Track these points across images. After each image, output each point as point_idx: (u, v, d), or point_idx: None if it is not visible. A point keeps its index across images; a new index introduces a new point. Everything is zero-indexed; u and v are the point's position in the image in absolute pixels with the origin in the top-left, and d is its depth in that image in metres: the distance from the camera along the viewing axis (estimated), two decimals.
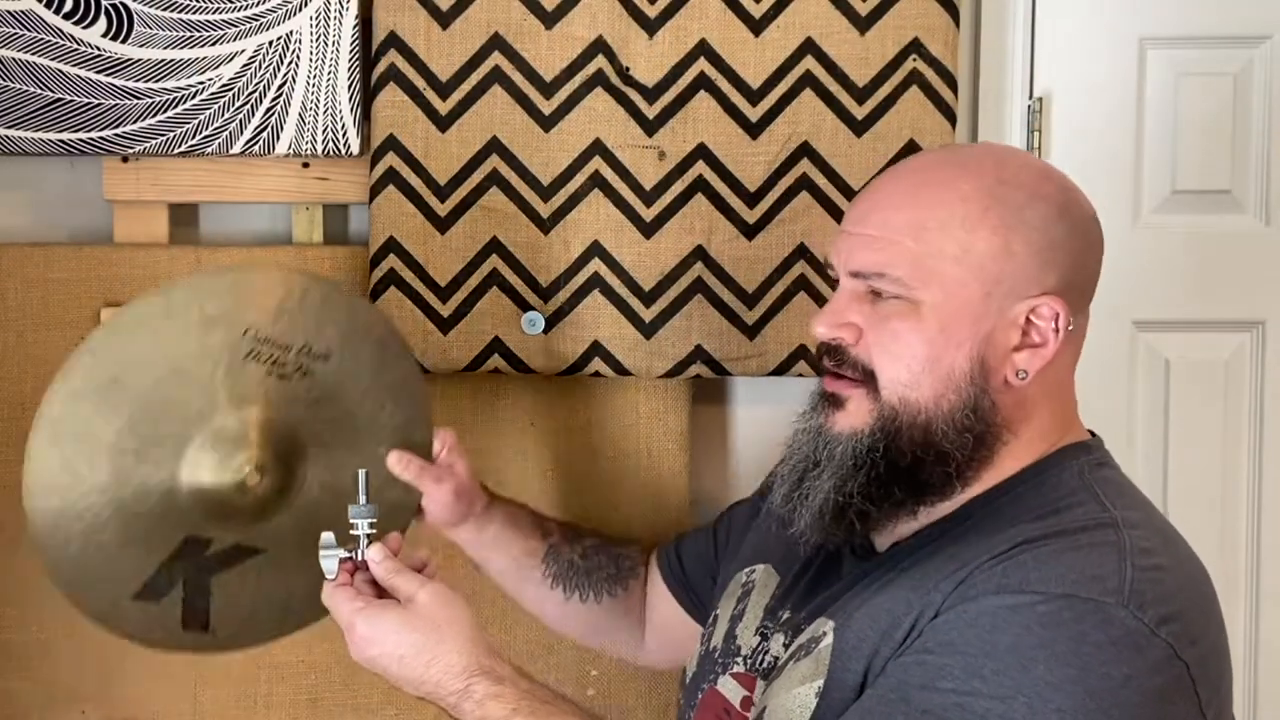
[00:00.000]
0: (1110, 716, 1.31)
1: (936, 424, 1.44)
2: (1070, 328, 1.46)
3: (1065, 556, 1.37)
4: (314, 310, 1.71)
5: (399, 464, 1.74)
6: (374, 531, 1.54)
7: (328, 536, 1.53)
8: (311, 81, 2.03)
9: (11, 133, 2.01)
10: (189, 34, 2.01)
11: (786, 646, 1.52)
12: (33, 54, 2.00)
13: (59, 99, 2.01)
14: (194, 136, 2.03)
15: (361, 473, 1.56)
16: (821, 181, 2.05)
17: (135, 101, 2.02)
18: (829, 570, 1.55)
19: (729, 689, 1.58)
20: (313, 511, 1.71)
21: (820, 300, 2.05)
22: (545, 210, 2.04)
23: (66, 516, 1.65)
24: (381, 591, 1.53)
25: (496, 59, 2.03)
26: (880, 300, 1.46)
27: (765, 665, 1.54)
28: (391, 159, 2.03)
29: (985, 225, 1.44)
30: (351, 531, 1.54)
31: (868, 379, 1.46)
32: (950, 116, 2.05)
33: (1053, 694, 1.31)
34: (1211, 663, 1.40)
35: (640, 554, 1.93)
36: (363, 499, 1.55)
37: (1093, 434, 1.56)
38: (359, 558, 1.53)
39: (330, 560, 1.52)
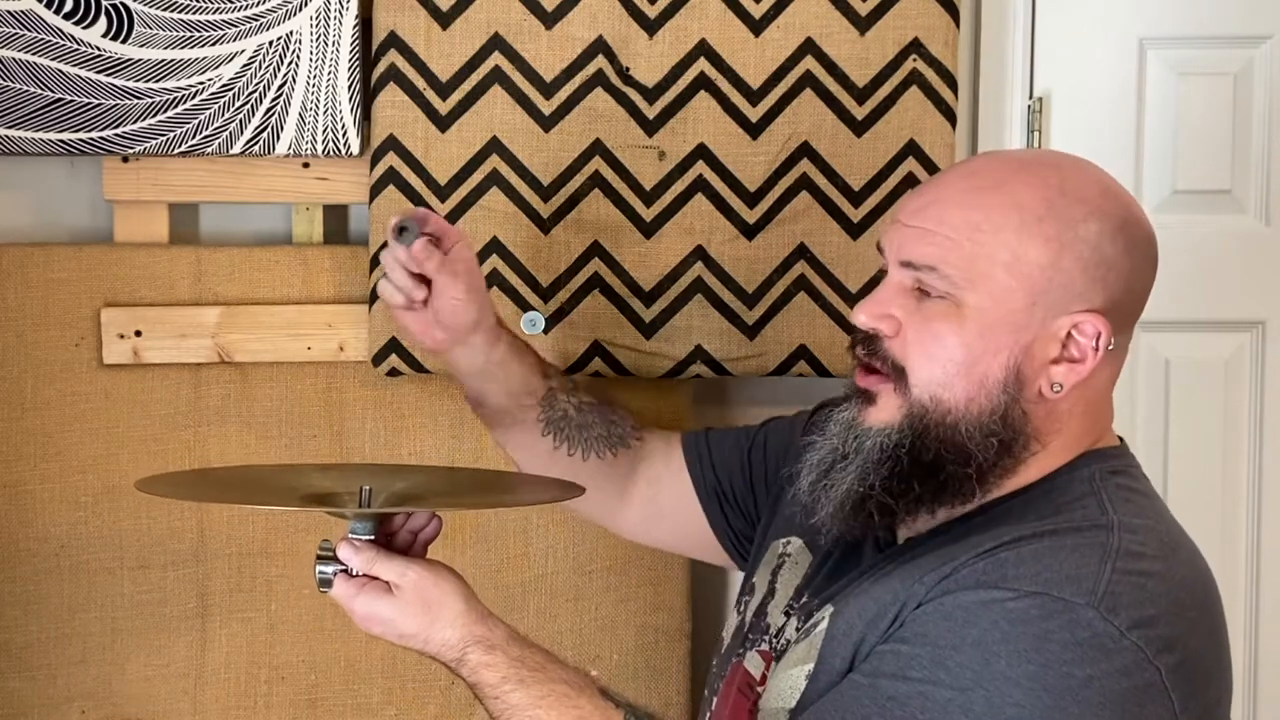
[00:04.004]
0: (1067, 715, 1.32)
1: (964, 426, 1.44)
2: (1111, 346, 1.46)
3: (1046, 556, 1.38)
4: None
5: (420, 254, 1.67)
6: (371, 538, 1.54)
7: (325, 544, 1.54)
8: (311, 81, 2.03)
9: (11, 133, 2.01)
10: (189, 34, 2.01)
11: (798, 630, 1.54)
12: (33, 54, 2.00)
13: (59, 99, 2.01)
14: (194, 136, 2.03)
15: (365, 489, 1.56)
16: (821, 181, 2.05)
17: (135, 101, 2.02)
18: (850, 558, 1.57)
19: (754, 665, 1.60)
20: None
21: (820, 300, 2.05)
22: (545, 210, 2.04)
23: None
24: None
25: (496, 59, 2.03)
26: (926, 299, 1.46)
27: (780, 647, 1.56)
28: (391, 159, 2.03)
29: (1039, 235, 1.43)
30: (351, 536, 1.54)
31: (897, 375, 1.46)
32: (950, 116, 2.05)
33: (1011, 689, 1.32)
34: (1195, 669, 1.39)
35: (632, 428, 1.89)
36: (362, 516, 1.54)
37: (1121, 440, 1.55)
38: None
39: (324, 567, 1.52)
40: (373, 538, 1.52)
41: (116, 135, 2.02)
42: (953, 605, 1.37)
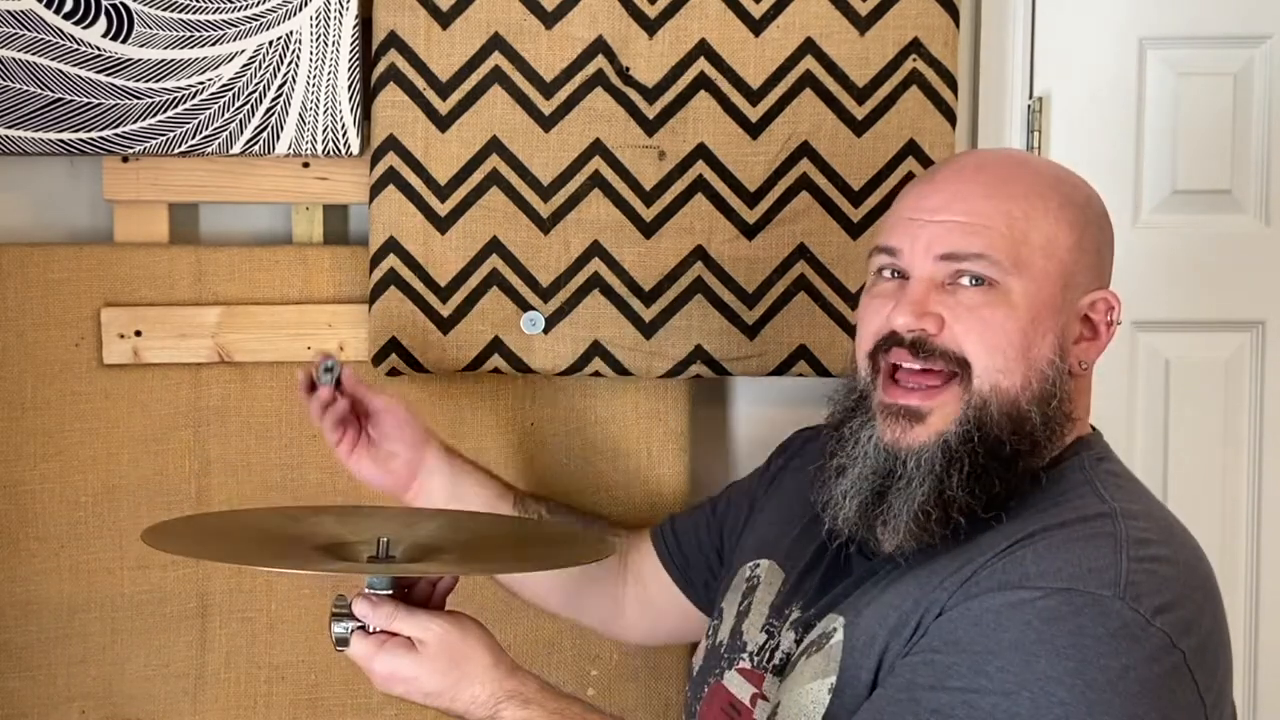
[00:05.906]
0: (1110, 706, 1.33)
1: (1024, 410, 1.46)
2: (1119, 322, 1.52)
3: (1062, 550, 1.39)
4: None
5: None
6: (389, 593, 1.49)
7: (340, 600, 1.49)
8: (311, 81, 2.03)
9: (11, 133, 2.01)
10: (189, 34, 2.01)
11: (798, 643, 1.53)
12: (33, 54, 2.00)
13: (59, 99, 2.01)
14: (194, 136, 2.03)
15: (383, 540, 1.52)
16: (821, 181, 2.05)
17: (135, 101, 2.02)
18: (837, 568, 1.56)
19: (735, 684, 1.59)
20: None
21: (820, 300, 2.05)
22: (545, 210, 2.04)
23: None
24: None
25: (496, 59, 2.03)
26: (959, 290, 1.47)
27: (779, 661, 1.55)
28: (391, 159, 2.03)
29: (1064, 220, 1.49)
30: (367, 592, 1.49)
31: (961, 368, 1.46)
32: (950, 116, 2.05)
33: (1055, 687, 1.33)
34: (1209, 649, 1.42)
35: (606, 526, 1.92)
36: (380, 577, 1.48)
37: (1093, 428, 1.58)
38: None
39: (340, 626, 1.47)
40: (390, 592, 1.47)
41: (116, 135, 2.02)
42: (980, 610, 1.37)
